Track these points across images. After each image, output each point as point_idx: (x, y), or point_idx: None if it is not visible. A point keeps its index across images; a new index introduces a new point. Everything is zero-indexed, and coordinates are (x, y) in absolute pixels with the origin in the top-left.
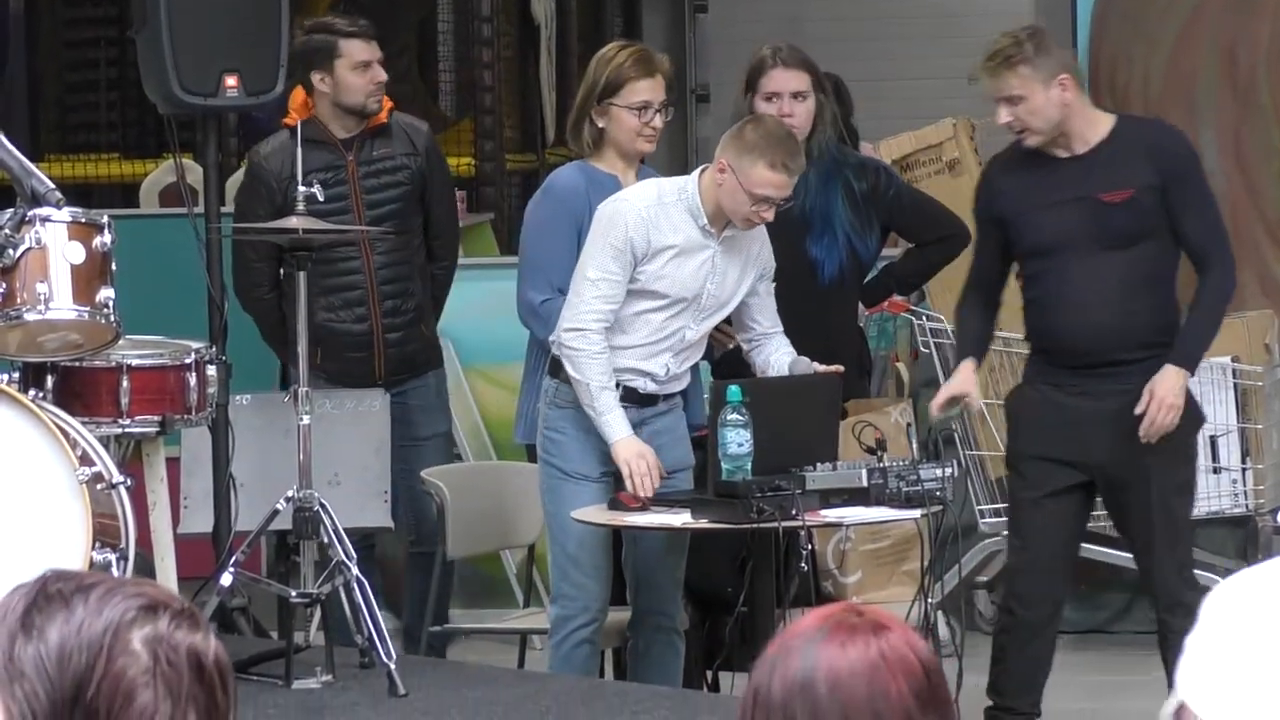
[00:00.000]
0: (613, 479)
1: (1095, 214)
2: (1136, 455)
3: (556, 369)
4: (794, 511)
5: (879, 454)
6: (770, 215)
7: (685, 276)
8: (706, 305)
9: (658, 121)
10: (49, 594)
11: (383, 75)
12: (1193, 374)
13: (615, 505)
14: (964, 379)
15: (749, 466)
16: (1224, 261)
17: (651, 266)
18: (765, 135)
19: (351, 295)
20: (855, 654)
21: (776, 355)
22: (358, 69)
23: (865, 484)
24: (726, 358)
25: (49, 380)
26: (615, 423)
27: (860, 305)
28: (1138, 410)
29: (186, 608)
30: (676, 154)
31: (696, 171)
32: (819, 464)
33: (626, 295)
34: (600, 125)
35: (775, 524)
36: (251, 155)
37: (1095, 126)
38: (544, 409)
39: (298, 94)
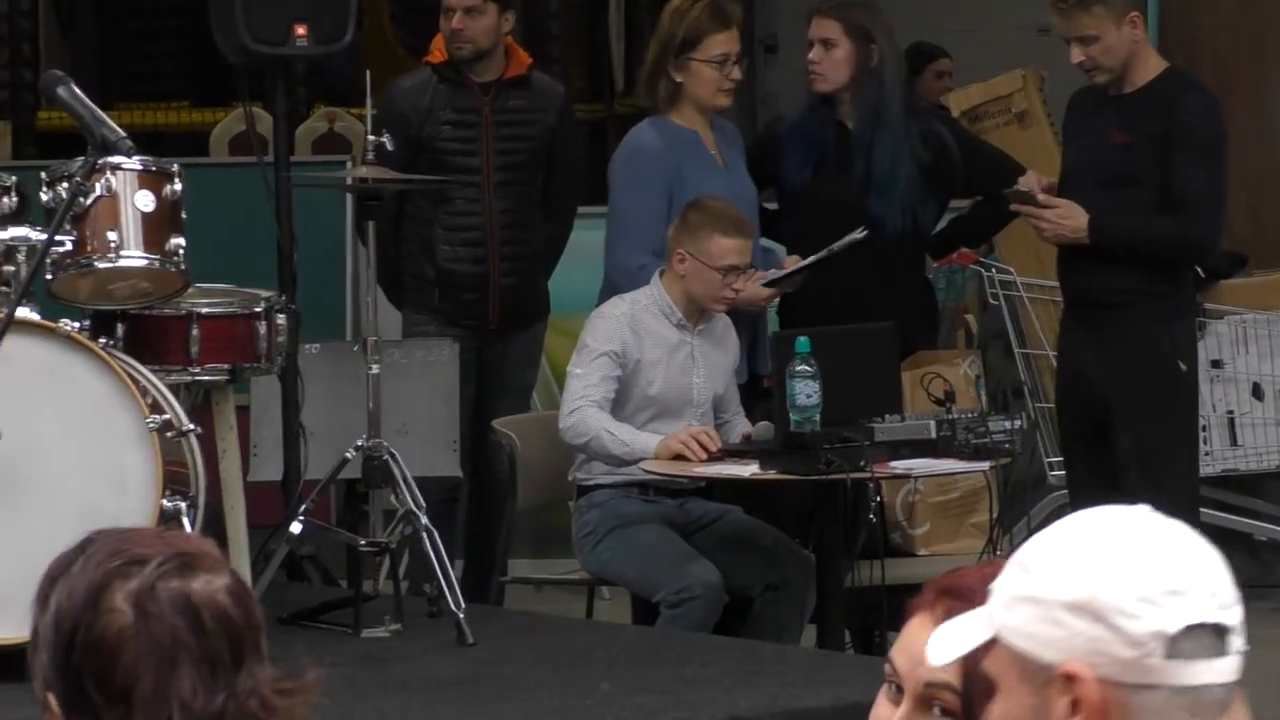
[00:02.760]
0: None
1: (1102, 152)
2: (1120, 405)
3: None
4: (862, 463)
5: (947, 406)
6: (743, 284)
7: (673, 374)
8: (700, 399)
9: (736, 74)
10: (64, 560)
11: (460, 22)
12: (1092, 241)
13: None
14: None
15: (817, 418)
16: (1199, 217)
17: (639, 376)
18: (706, 211)
19: (470, 236)
20: None
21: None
22: (445, 15)
23: (934, 436)
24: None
25: (119, 328)
26: (644, 439)
27: (928, 257)
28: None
29: (179, 553)
30: (744, 105)
31: (655, 275)
32: (887, 416)
33: (628, 410)
34: (678, 80)
35: (844, 475)
36: (390, 88)
37: (1145, 70)
38: (576, 534)
39: (440, 36)
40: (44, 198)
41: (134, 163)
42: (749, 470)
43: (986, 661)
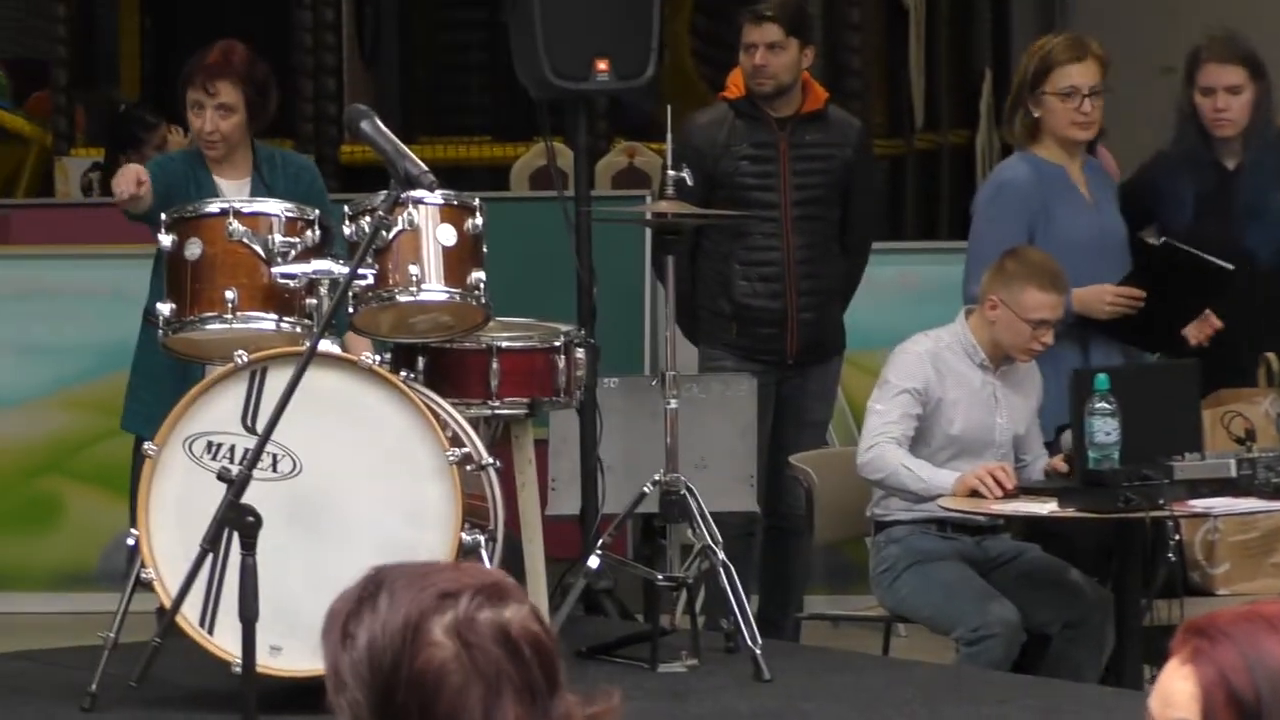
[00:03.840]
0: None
1: None
2: None
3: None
4: (1161, 501)
5: (1248, 444)
6: (1050, 338)
7: (975, 414)
8: (1000, 439)
9: (1087, 106)
10: (362, 596)
11: (763, 58)
12: None
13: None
14: None
15: (1116, 455)
16: None
17: (941, 414)
18: (1024, 262)
19: (768, 270)
20: None
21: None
22: (747, 51)
23: (1234, 474)
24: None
25: (420, 362)
26: (942, 475)
27: None
28: None
29: (487, 584)
30: None
31: (961, 314)
32: (1187, 454)
33: (930, 448)
34: (1035, 114)
35: (1143, 514)
36: (687, 123)
37: None
38: (873, 569)
39: (737, 71)
40: (346, 231)
41: (436, 197)
42: (1047, 508)
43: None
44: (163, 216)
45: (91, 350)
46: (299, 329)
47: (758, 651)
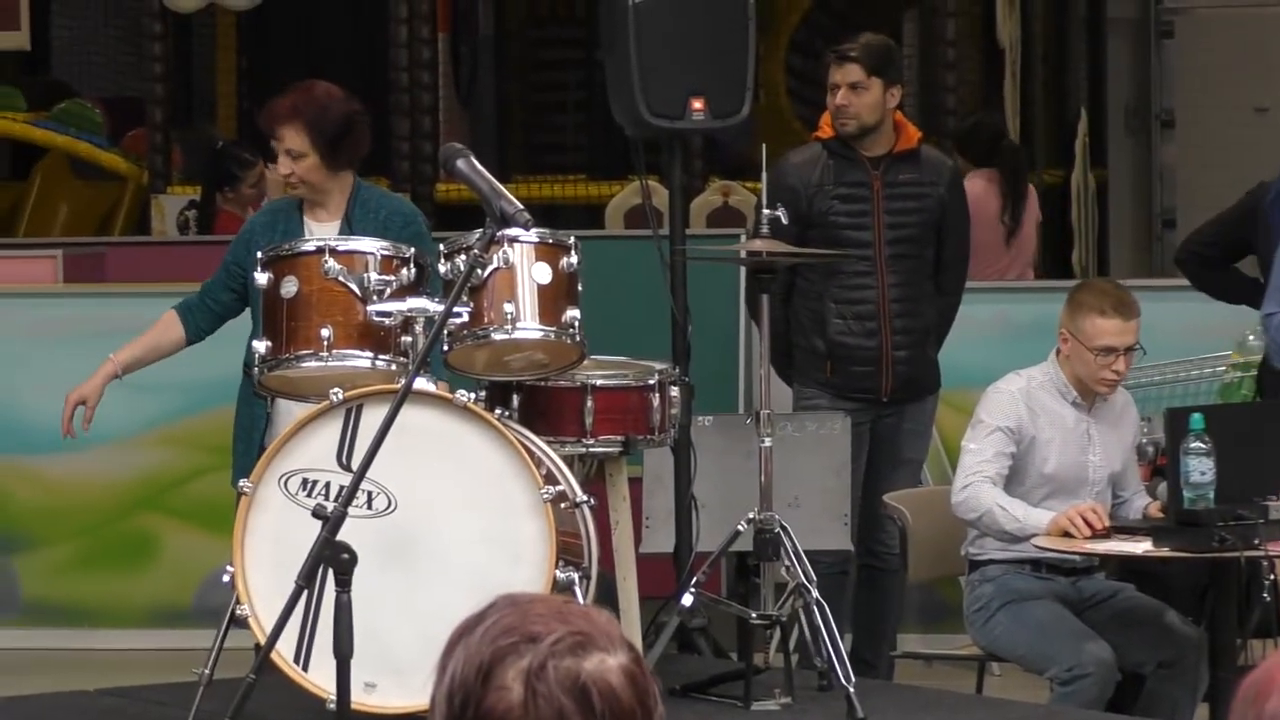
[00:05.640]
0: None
1: None
2: None
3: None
4: (1256, 540)
5: None
6: (1123, 366)
7: (1069, 452)
8: (1095, 477)
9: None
10: (463, 629)
11: (844, 98)
12: None
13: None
14: None
15: (1211, 495)
16: None
17: (1035, 453)
18: (1088, 289)
19: (862, 309)
20: None
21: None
22: (831, 90)
23: None
24: None
25: (514, 399)
26: (1036, 515)
27: None
28: None
29: (578, 631)
30: (1141, 180)
31: (1053, 353)
32: None
33: (1024, 487)
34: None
35: (1237, 553)
36: (780, 162)
37: None
38: (967, 608)
39: (829, 112)
40: (442, 269)
41: (531, 235)
42: (1141, 547)
43: None
44: (259, 255)
45: (187, 388)
46: (394, 366)
47: (851, 690)
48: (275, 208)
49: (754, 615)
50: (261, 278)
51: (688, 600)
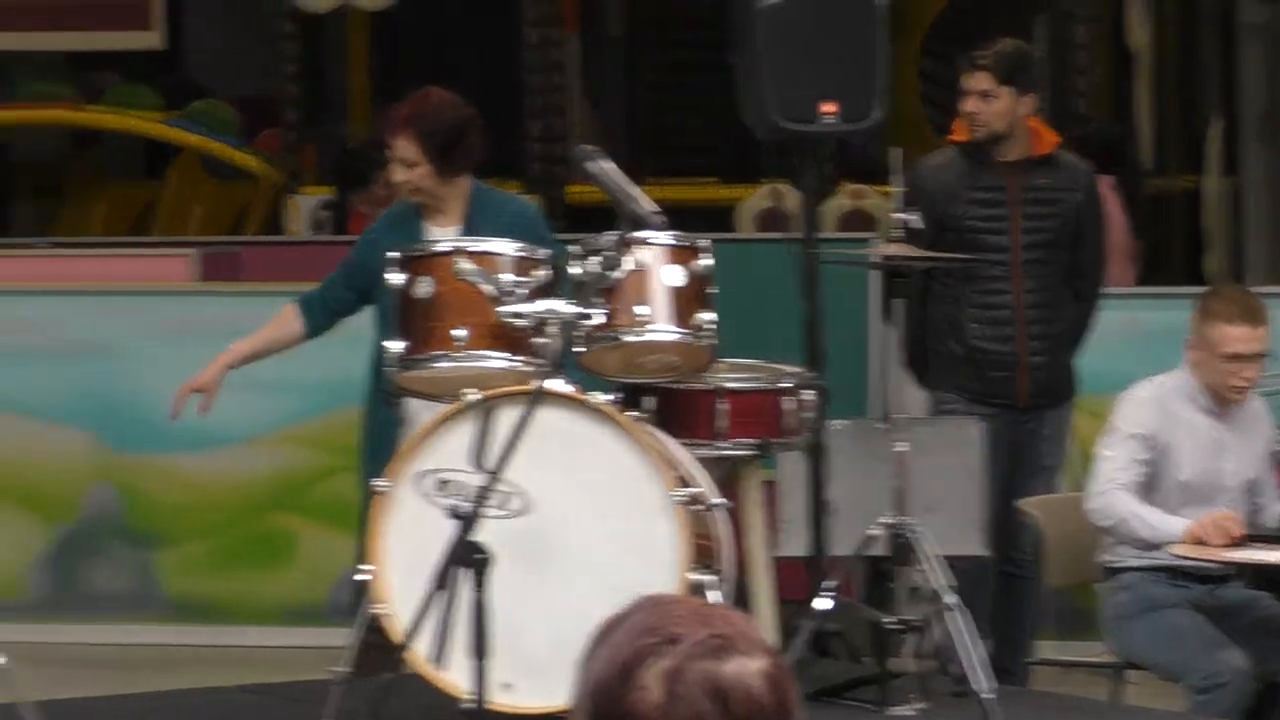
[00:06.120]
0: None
1: None
2: None
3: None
4: None
5: None
6: (1252, 373)
7: (1203, 459)
8: (1231, 484)
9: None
10: (608, 628)
11: (974, 105)
12: None
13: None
14: None
15: None
16: None
17: (1169, 460)
18: (1216, 296)
19: (999, 315)
20: None
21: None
22: (962, 97)
23: None
24: None
25: (648, 401)
26: (1172, 523)
27: None
28: None
29: (720, 634)
30: (1274, 186)
31: (1184, 360)
32: None
33: (1159, 495)
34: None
35: None
36: (916, 166)
37: None
38: (1104, 615)
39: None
40: (575, 271)
41: (664, 237)
42: (1277, 555)
43: None
44: (393, 254)
45: (319, 388)
46: (528, 368)
47: (986, 696)
48: (396, 212)
49: (889, 620)
50: (396, 278)
51: (822, 604)
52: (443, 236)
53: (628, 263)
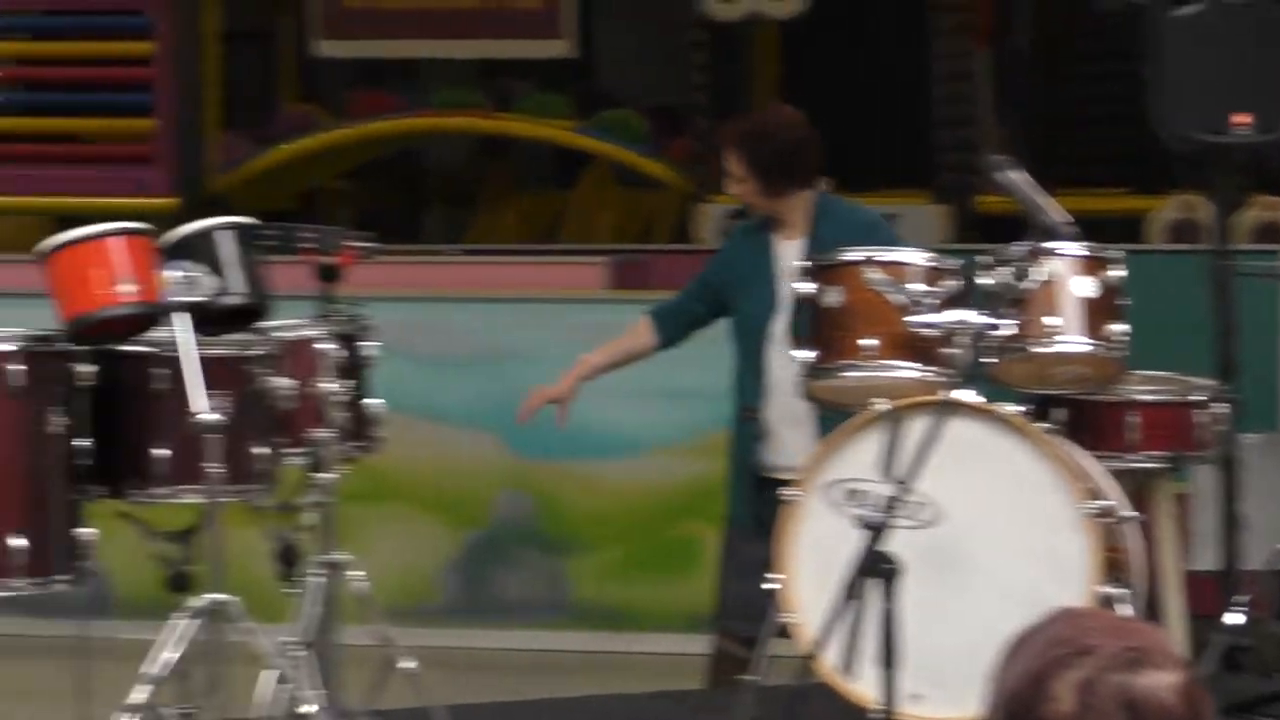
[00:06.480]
0: None
1: None
2: None
3: None
4: None
5: None
6: None
7: None
8: None
9: None
10: (1022, 639)
11: None
12: None
13: None
14: None
15: None
16: None
17: None
18: None
19: None
20: None
21: None
22: None
23: None
24: None
25: (1058, 413)
26: None
27: None
28: None
29: (1134, 646)
30: None
31: None
32: None
33: None
34: None
35: None
36: None
37: None
38: None
39: None
40: (986, 282)
41: (1075, 248)
42: None
43: None
44: (806, 264)
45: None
46: (938, 378)
47: None
48: (748, 226)
49: None
50: (808, 286)
51: (1234, 620)
52: (788, 250)
53: (1039, 273)
